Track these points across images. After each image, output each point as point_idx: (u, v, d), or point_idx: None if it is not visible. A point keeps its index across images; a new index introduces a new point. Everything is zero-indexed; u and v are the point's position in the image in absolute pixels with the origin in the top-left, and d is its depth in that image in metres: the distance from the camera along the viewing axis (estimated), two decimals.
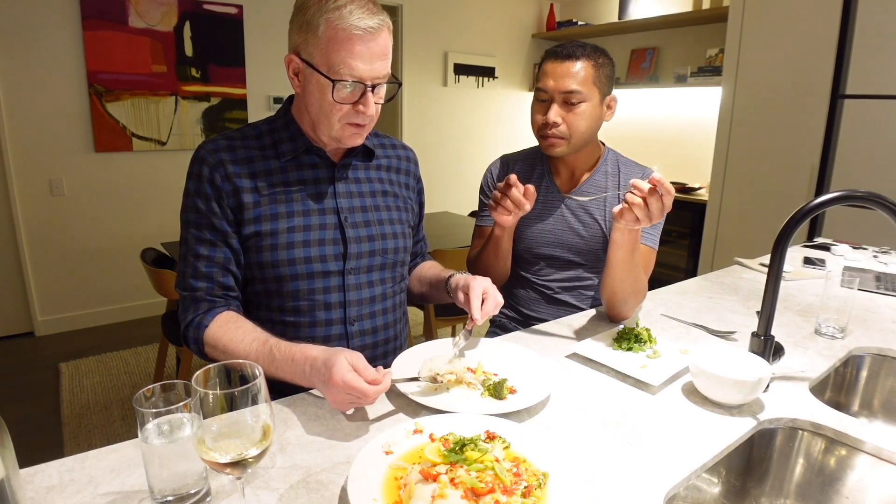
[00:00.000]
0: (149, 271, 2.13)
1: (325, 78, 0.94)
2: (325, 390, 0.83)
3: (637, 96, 4.46)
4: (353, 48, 0.92)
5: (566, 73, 1.27)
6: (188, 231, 1.04)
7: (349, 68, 0.93)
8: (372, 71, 0.95)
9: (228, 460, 0.58)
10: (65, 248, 3.24)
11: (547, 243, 1.41)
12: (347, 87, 0.95)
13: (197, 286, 1.02)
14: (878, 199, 0.87)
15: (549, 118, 1.29)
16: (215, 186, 1.01)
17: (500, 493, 0.64)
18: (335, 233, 1.07)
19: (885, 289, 1.56)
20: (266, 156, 1.05)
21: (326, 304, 1.07)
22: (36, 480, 0.69)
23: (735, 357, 0.96)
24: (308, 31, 0.94)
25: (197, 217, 1.02)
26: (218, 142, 1.04)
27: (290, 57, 1.00)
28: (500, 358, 1.06)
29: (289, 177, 1.05)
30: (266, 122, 1.10)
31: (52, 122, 3.07)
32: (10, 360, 2.95)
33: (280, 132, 1.07)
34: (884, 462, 0.83)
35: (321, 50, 0.94)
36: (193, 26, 3.37)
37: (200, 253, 1.02)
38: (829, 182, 2.88)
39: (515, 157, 1.51)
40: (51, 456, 0.75)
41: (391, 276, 1.15)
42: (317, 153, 1.08)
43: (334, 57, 0.93)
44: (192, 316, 1.01)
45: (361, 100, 0.97)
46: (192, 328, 1.00)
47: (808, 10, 2.82)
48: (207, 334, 0.98)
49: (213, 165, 1.01)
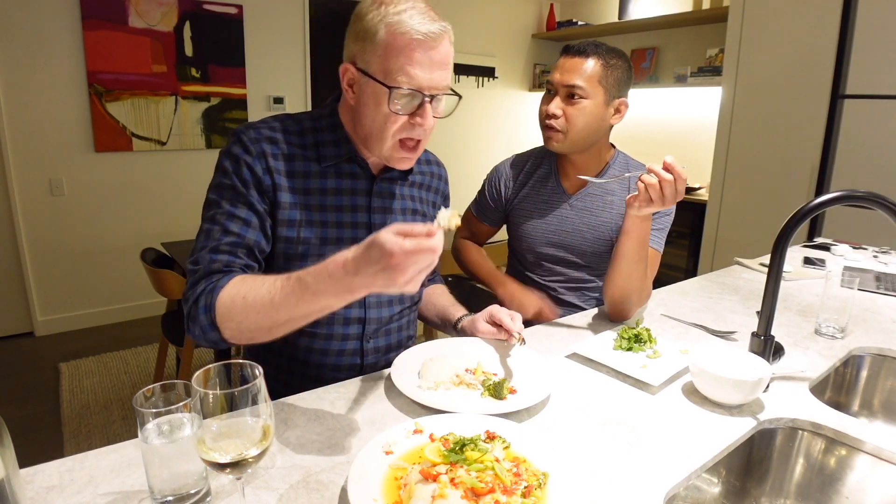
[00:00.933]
0: (149, 271, 2.13)
1: (381, 86, 0.89)
2: (386, 277, 0.67)
3: (637, 96, 4.46)
4: (413, 54, 0.87)
5: (573, 68, 1.28)
6: (216, 208, 0.93)
7: (408, 76, 0.88)
8: (431, 80, 0.89)
9: (228, 460, 0.57)
10: (65, 248, 3.24)
11: (549, 243, 1.41)
12: (405, 96, 0.90)
13: (216, 259, 0.90)
14: (878, 199, 0.87)
15: (549, 109, 1.30)
16: (256, 176, 0.94)
17: (500, 493, 0.64)
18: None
19: (885, 289, 1.56)
20: (307, 156, 0.99)
21: (346, 320, 1.05)
22: (36, 480, 0.69)
23: (735, 357, 0.96)
24: (366, 39, 0.89)
25: (233, 194, 0.93)
26: (261, 130, 0.97)
27: (346, 66, 0.94)
28: (500, 358, 1.06)
29: (326, 183, 1.00)
30: (309, 118, 1.03)
31: (52, 122, 3.07)
32: (10, 360, 2.95)
33: (324, 133, 1.01)
34: (884, 462, 0.83)
35: (379, 56, 0.89)
36: (193, 26, 3.37)
37: (230, 228, 0.92)
38: (829, 182, 2.88)
39: (524, 159, 1.51)
40: (51, 456, 0.75)
41: (410, 296, 1.15)
42: (359, 163, 1.03)
43: (392, 63, 0.88)
44: (203, 285, 0.87)
45: (419, 111, 0.91)
46: (205, 295, 0.86)
47: (808, 10, 2.82)
48: (222, 296, 0.83)
49: (256, 155, 0.94)
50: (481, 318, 1.12)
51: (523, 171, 1.47)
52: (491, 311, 1.11)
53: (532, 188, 1.44)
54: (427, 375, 0.97)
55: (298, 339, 1.03)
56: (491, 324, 1.11)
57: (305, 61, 3.86)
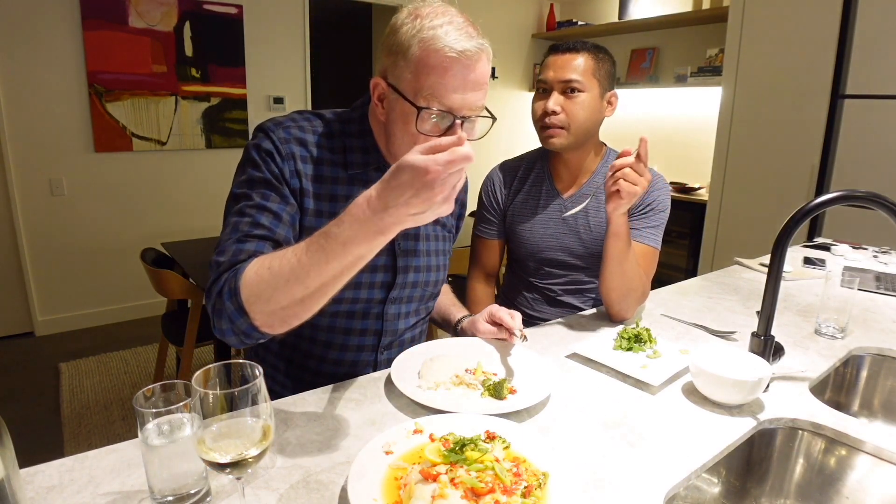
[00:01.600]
0: (149, 271, 2.13)
1: (410, 105, 0.85)
2: (422, 200, 0.62)
3: (637, 96, 4.46)
4: (446, 73, 0.82)
5: (566, 63, 1.29)
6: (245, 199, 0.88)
7: (439, 96, 0.83)
8: (464, 101, 0.84)
9: (228, 460, 0.57)
10: (65, 248, 3.24)
11: (549, 248, 1.41)
12: (434, 117, 0.85)
13: (242, 248, 0.83)
14: (878, 199, 0.87)
15: (548, 106, 1.30)
16: (284, 176, 0.90)
17: (500, 493, 0.64)
18: (387, 259, 1.01)
19: (885, 289, 1.56)
20: (335, 161, 0.95)
21: (362, 331, 1.04)
22: (36, 480, 0.69)
23: (735, 357, 0.96)
24: (398, 53, 0.85)
25: (265, 186, 0.88)
26: (290, 130, 0.93)
27: (377, 80, 0.90)
28: (500, 358, 1.06)
29: (353, 191, 0.95)
30: (338, 120, 0.99)
31: (52, 122, 3.07)
32: (10, 360, 2.95)
33: (353, 138, 0.97)
34: (884, 462, 0.83)
35: (410, 73, 0.84)
36: (193, 26, 3.37)
37: (260, 221, 0.86)
38: (829, 182, 2.88)
39: (515, 163, 1.50)
40: (51, 456, 0.75)
41: (426, 307, 1.14)
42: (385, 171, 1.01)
43: (423, 81, 0.83)
44: (227, 276, 0.80)
45: (448, 133, 0.85)
46: (228, 283, 0.78)
47: (808, 10, 2.82)
48: (246, 273, 0.76)
49: (285, 156, 0.90)
50: (481, 319, 1.12)
51: (517, 177, 1.47)
52: (490, 311, 1.11)
53: (528, 193, 1.44)
54: (427, 375, 0.97)
55: (312, 348, 1.03)
56: (491, 323, 1.11)
57: (305, 61, 3.86)
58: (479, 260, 1.51)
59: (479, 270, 1.52)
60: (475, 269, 1.52)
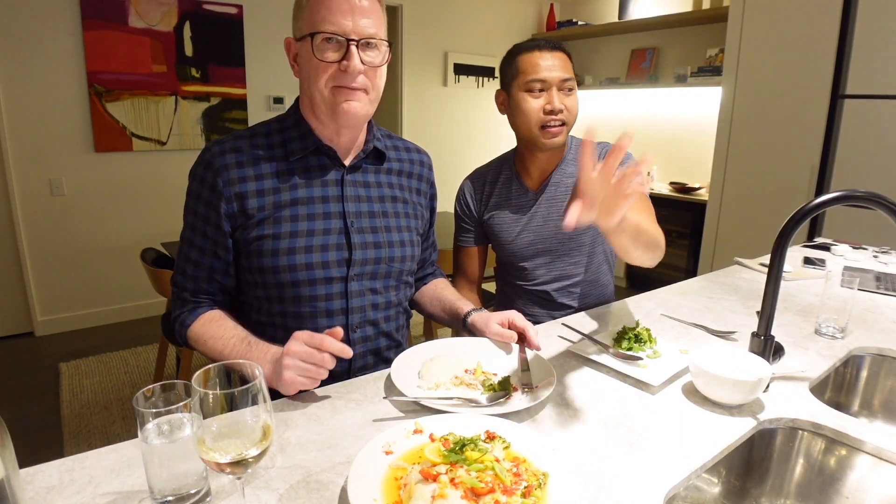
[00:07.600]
0: (149, 271, 2.13)
1: (308, 39, 0.95)
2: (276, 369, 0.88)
3: (637, 96, 4.46)
4: (332, 2, 0.94)
5: (559, 62, 1.30)
6: (185, 230, 1.06)
7: (328, 21, 0.93)
8: (354, 26, 0.94)
9: (228, 460, 0.58)
10: (65, 248, 3.24)
11: (530, 243, 1.42)
12: (327, 41, 0.95)
13: (184, 285, 1.06)
14: (878, 199, 0.87)
15: (554, 105, 1.29)
16: (216, 192, 1.00)
17: (500, 493, 0.64)
18: (339, 238, 1.05)
19: (885, 289, 1.56)
20: (274, 156, 1.03)
21: (328, 311, 1.05)
22: (36, 480, 0.69)
23: (735, 357, 0.96)
24: (299, 10, 0.98)
25: (193, 220, 1.04)
26: (225, 143, 1.03)
27: (288, 41, 1.02)
28: (501, 358, 1.06)
29: (296, 179, 1.03)
30: (276, 121, 1.08)
31: (52, 122, 3.07)
32: (10, 360, 2.95)
33: (290, 130, 1.05)
34: (884, 462, 0.83)
35: (306, 18, 0.96)
36: (193, 26, 3.37)
37: (190, 256, 1.05)
38: (829, 182, 2.88)
39: (484, 170, 1.50)
40: (51, 456, 0.75)
41: (396, 283, 1.14)
42: (326, 153, 1.05)
43: (315, 17, 0.94)
44: (177, 312, 1.06)
45: (346, 56, 0.95)
46: (178, 324, 1.05)
47: (808, 10, 2.82)
48: (190, 332, 1.03)
49: (217, 170, 1.00)
50: (495, 320, 1.10)
51: (487, 183, 1.48)
52: (512, 319, 1.08)
53: (499, 196, 1.46)
54: (427, 375, 0.97)
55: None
56: (506, 327, 1.09)
57: None
58: (461, 268, 1.54)
59: (462, 279, 1.54)
60: (459, 277, 1.55)
